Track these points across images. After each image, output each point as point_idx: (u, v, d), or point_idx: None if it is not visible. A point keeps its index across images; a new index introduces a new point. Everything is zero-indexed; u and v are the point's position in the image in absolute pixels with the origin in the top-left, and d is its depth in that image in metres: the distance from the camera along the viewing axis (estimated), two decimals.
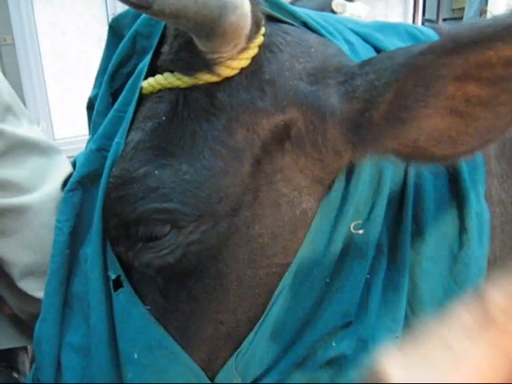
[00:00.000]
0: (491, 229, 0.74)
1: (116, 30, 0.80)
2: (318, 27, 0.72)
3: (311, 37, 0.69)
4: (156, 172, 0.64)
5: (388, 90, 0.55)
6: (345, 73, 0.62)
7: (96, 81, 0.81)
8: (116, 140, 0.69)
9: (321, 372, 0.69)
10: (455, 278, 0.72)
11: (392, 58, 0.58)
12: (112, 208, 0.67)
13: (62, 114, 3.50)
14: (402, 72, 0.54)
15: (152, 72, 0.70)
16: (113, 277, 0.69)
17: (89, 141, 0.77)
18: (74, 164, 0.85)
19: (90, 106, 0.82)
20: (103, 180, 0.69)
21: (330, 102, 0.61)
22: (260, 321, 0.67)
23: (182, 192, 0.64)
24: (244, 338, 0.68)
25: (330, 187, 0.68)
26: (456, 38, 0.48)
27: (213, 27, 0.54)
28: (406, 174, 0.70)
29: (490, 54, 0.46)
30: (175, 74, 0.65)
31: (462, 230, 0.71)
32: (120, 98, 0.72)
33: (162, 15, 0.52)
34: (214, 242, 0.65)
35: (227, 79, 0.64)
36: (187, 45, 0.62)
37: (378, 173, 0.68)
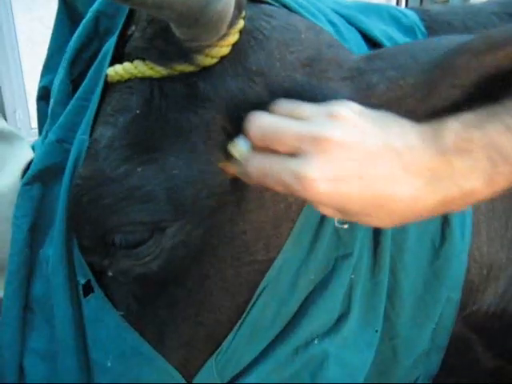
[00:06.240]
0: (475, 223, 0.72)
1: (68, 2, 0.71)
2: (299, 8, 0.66)
3: (298, 20, 0.63)
4: (139, 169, 0.59)
5: (419, 90, 0.54)
6: (349, 68, 0.58)
7: (47, 63, 0.72)
8: (80, 136, 0.62)
9: (301, 370, 0.68)
10: (436, 272, 0.71)
11: (413, 56, 0.55)
12: (85, 213, 0.61)
13: None
14: (435, 72, 0.53)
15: (118, 56, 0.63)
16: (82, 282, 0.64)
17: (46, 132, 0.69)
18: (33, 149, 0.77)
19: (42, 96, 0.73)
20: (66, 179, 0.62)
21: (338, 97, 0.57)
22: (241, 320, 0.65)
23: (170, 188, 0.59)
24: (224, 338, 0.65)
25: None
26: (489, 38, 0.49)
27: (197, 17, 0.48)
28: None
29: None
30: (147, 62, 0.59)
31: (445, 223, 0.70)
32: (82, 85, 0.64)
33: (144, 6, 0.46)
34: (198, 241, 0.61)
35: (205, 69, 0.58)
36: (163, 32, 0.56)
37: None
